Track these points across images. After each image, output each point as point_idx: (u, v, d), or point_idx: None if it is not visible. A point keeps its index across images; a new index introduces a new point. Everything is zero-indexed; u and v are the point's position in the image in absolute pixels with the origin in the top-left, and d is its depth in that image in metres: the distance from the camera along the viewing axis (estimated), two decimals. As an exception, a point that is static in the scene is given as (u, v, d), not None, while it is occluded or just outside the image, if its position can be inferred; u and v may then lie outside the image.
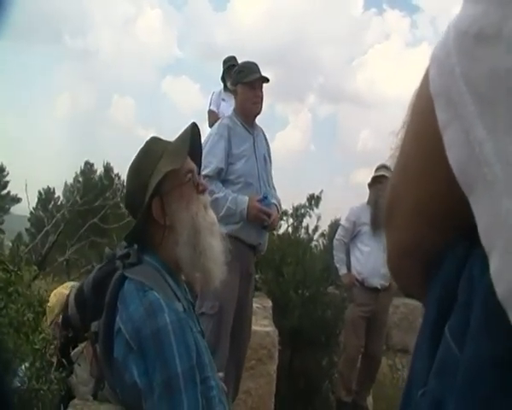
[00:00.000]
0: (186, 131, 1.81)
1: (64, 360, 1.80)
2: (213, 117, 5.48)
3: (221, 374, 1.87)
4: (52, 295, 2.46)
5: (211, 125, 5.13)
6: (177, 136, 1.82)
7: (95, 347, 1.69)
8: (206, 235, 1.73)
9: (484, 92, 0.40)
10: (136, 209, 1.75)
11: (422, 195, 0.53)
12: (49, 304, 2.39)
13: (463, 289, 0.49)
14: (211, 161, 3.48)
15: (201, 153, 1.96)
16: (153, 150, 1.79)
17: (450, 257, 0.53)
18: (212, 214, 1.80)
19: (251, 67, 3.77)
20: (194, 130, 1.83)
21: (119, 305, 1.63)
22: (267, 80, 3.75)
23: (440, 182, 0.48)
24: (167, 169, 1.70)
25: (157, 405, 1.48)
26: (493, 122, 0.39)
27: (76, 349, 1.78)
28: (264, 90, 3.79)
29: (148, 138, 1.87)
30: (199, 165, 1.90)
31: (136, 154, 1.82)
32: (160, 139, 1.87)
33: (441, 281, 0.54)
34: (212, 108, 5.79)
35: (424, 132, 0.50)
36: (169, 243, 1.72)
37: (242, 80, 3.72)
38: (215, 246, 1.75)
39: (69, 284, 2.52)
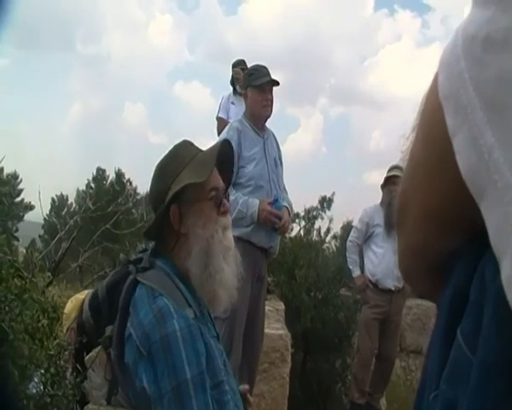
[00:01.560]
0: (216, 144, 1.78)
1: (78, 366, 1.81)
2: (222, 124, 5.44)
3: (247, 386, 1.87)
4: (69, 301, 2.48)
5: (219, 133, 5.11)
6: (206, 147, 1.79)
7: (108, 351, 1.70)
8: (218, 259, 1.70)
9: (493, 98, 0.40)
10: (156, 209, 1.74)
11: (432, 199, 0.53)
12: (65, 310, 2.41)
13: (475, 292, 0.49)
14: None
15: (232, 171, 1.92)
16: (181, 155, 1.75)
17: (461, 260, 0.53)
18: (230, 237, 1.76)
19: (261, 70, 3.76)
20: (225, 144, 1.81)
21: (131, 310, 1.63)
22: (277, 83, 3.75)
23: (450, 186, 0.48)
24: (190, 181, 1.66)
25: None
26: (502, 128, 0.39)
27: (90, 354, 1.79)
28: (275, 92, 3.79)
29: (180, 141, 1.83)
30: (228, 183, 1.86)
31: (164, 154, 1.79)
32: (191, 144, 1.81)
33: (453, 284, 0.54)
34: (220, 115, 5.75)
35: (433, 137, 0.50)
36: (182, 251, 1.71)
37: (252, 83, 3.72)
38: (226, 271, 1.72)
39: (86, 291, 2.54)
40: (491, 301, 0.44)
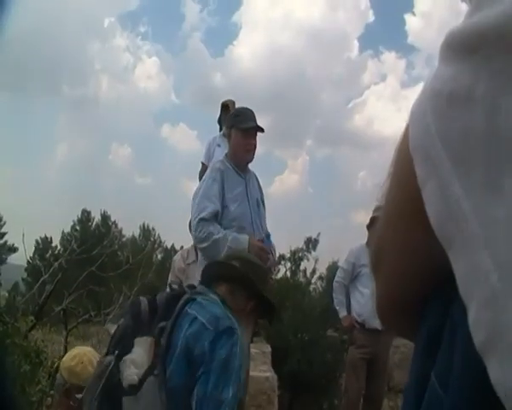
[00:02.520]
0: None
1: None
2: (203, 169, 5.27)
3: None
4: (76, 356, 2.42)
5: (200, 177, 5.03)
6: None
7: (159, 340, 1.87)
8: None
9: (458, 150, 0.42)
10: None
11: (406, 245, 0.55)
12: (76, 368, 2.35)
13: (447, 334, 0.50)
14: (207, 205, 3.46)
15: None
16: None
17: (435, 303, 0.55)
18: None
19: (247, 114, 3.76)
20: None
21: (197, 308, 1.91)
22: (262, 130, 3.75)
23: (422, 233, 0.49)
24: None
25: (210, 374, 1.76)
26: (469, 179, 0.41)
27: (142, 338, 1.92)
28: (262, 134, 3.78)
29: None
30: None
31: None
32: None
33: (427, 327, 0.55)
34: (203, 159, 5.62)
35: (406, 186, 0.51)
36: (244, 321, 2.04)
37: (237, 125, 3.71)
38: None
39: (89, 348, 2.55)
40: (460, 344, 0.46)
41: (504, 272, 0.39)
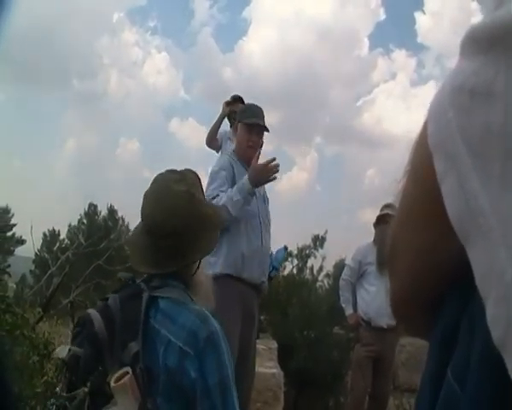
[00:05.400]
0: None
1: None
2: None
3: None
4: None
5: None
6: None
7: (134, 369, 1.63)
8: None
9: (478, 146, 0.42)
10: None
11: (422, 242, 0.55)
12: None
13: (464, 330, 0.50)
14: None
15: None
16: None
17: (451, 300, 0.54)
18: None
19: (254, 111, 3.74)
20: None
21: (161, 320, 1.68)
22: (265, 129, 3.72)
23: (441, 231, 0.49)
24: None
25: (213, 404, 1.59)
26: (488, 175, 0.41)
27: (116, 376, 1.70)
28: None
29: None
30: None
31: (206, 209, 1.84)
32: None
33: (443, 324, 0.55)
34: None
35: (424, 182, 0.51)
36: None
37: (243, 120, 3.71)
38: None
39: None
40: (478, 339, 0.45)
41: None
